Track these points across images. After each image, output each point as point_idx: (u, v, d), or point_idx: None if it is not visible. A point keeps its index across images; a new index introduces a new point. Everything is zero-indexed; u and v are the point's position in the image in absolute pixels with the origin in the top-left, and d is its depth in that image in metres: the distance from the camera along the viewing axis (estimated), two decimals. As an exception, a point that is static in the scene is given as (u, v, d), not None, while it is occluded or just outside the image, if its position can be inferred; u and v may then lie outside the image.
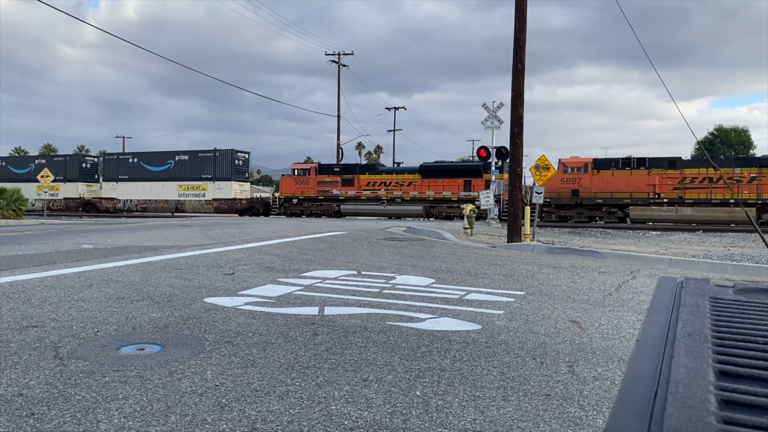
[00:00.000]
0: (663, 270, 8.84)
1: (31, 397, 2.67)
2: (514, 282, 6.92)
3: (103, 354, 3.39)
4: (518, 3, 13.41)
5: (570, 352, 3.69)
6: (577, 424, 2.52)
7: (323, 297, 5.45)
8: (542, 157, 15.05)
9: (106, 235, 13.24)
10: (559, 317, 4.82)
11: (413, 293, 5.81)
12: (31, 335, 3.78)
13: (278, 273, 7.06)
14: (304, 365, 3.25)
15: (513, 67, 13.34)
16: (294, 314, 4.63)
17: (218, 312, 4.65)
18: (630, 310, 5.25)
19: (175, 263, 7.80)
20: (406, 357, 3.47)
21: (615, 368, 3.37)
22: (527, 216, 13.89)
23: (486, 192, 21.56)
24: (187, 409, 2.56)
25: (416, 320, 4.52)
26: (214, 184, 39.71)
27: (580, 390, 2.96)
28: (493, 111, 23.37)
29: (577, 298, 5.85)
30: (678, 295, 1.25)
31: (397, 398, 2.77)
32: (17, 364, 3.17)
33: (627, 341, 4.04)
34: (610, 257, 10.14)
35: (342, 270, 7.52)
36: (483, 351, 3.66)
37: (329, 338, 3.88)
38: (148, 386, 2.83)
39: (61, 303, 4.87)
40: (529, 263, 9.16)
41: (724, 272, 8.77)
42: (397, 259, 9.15)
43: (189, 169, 40.69)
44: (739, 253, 11.62)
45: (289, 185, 37.60)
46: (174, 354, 3.41)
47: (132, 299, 5.12)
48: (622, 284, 6.92)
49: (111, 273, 6.73)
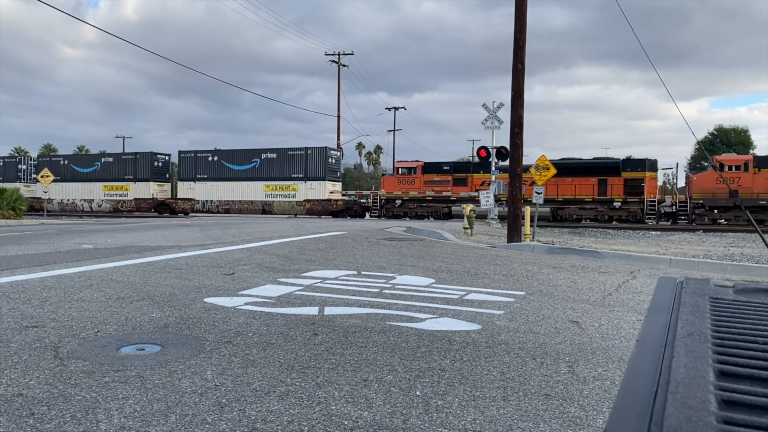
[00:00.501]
0: (663, 270, 8.84)
1: (31, 397, 2.68)
2: (514, 282, 6.92)
3: (103, 354, 3.39)
4: (518, 3, 13.41)
5: (570, 352, 3.69)
6: (577, 424, 2.52)
7: (323, 297, 5.45)
8: (542, 157, 15.05)
9: (106, 235, 13.24)
10: (559, 317, 4.82)
11: (413, 293, 5.81)
12: (31, 335, 3.78)
13: (278, 273, 7.06)
14: (304, 365, 3.25)
15: (513, 67, 13.35)
16: (294, 314, 4.63)
17: (218, 312, 4.65)
18: (630, 310, 5.25)
19: (175, 263, 7.80)
20: (406, 357, 3.47)
21: (615, 368, 3.37)
22: (527, 216, 13.90)
23: (486, 192, 21.57)
24: (187, 409, 2.56)
25: (416, 320, 4.52)
26: (305, 184, 37.36)
27: (580, 390, 2.96)
28: (493, 111, 23.39)
29: (577, 298, 5.85)
30: (678, 295, 1.25)
31: (397, 398, 2.77)
32: (17, 364, 3.17)
33: (627, 341, 4.04)
34: (610, 257, 10.14)
35: (342, 270, 7.52)
36: (483, 351, 3.66)
37: (329, 338, 3.88)
38: (148, 386, 2.83)
39: (61, 303, 4.87)
40: (529, 263, 9.16)
41: (724, 272, 8.77)
42: (397, 259, 9.15)
43: (277, 168, 38.08)
44: (739, 253, 11.62)
45: (391, 184, 34.80)
46: (174, 354, 3.41)
47: (132, 299, 5.12)
48: (622, 284, 6.92)
49: (111, 273, 6.73)
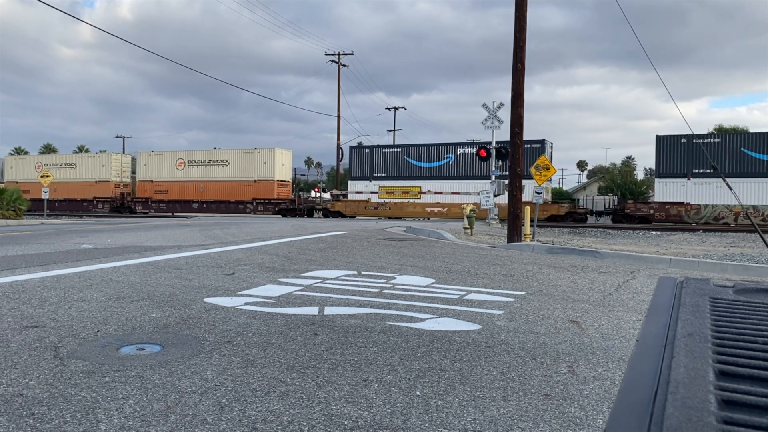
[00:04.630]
0: (663, 270, 8.83)
1: (31, 397, 2.67)
2: (514, 282, 6.92)
3: (103, 354, 3.39)
4: (518, 3, 13.40)
5: (570, 352, 3.68)
6: (577, 424, 2.52)
7: (323, 297, 5.45)
8: (542, 158, 15.05)
9: (106, 235, 13.24)
10: (559, 317, 4.82)
11: (413, 293, 5.80)
12: (31, 335, 3.78)
13: (278, 273, 7.06)
14: (304, 365, 3.25)
15: (513, 67, 13.34)
16: (294, 314, 4.63)
17: (218, 312, 4.65)
18: (630, 310, 5.25)
19: (175, 263, 7.80)
20: (406, 357, 3.47)
21: (615, 368, 3.37)
22: (527, 216, 13.90)
23: (486, 192, 21.57)
24: (187, 409, 2.56)
25: (416, 320, 4.52)
26: None
27: (580, 390, 2.96)
28: (493, 111, 23.39)
29: (577, 298, 5.85)
30: (678, 295, 1.25)
31: (397, 398, 2.76)
32: (17, 364, 3.17)
33: (627, 341, 4.04)
34: (610, 257, 10.14)
35: (342, 270, 7.52)
36: (483, 351, 3.66)
37: (329, 338, 3.88)
38: (148, 386, 2.83)
39: (61, 303, 4.87)
40: (529, 263, 9.16)
41: (724, 272, 8.77)
42: (397, 259, 9.15)
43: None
44: (739, 253, 11.61)
45: None
46: (174, 354, 3.41)
47: (132, 299, 5.12)
48: (622, 284, 6.92)
49: (111, 273, 6.73)
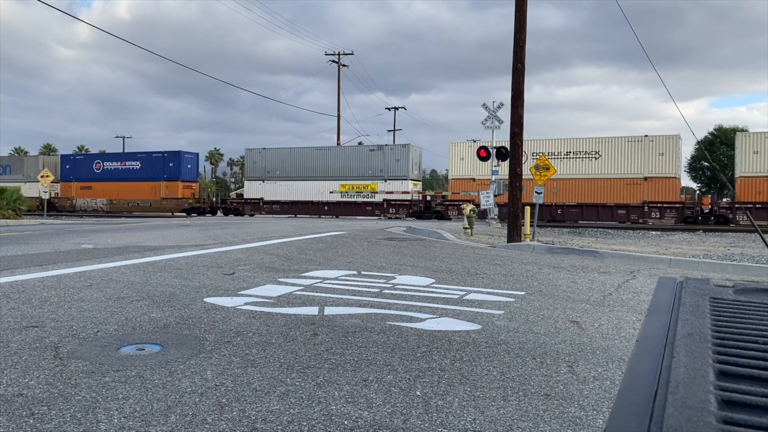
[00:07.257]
0: (663, 270, 8.83)
1: (31, 397, 2.67)
2: (514, 282, 6.92)
3: (103, 354, 3.39)
4: (518, 3, 13.40)
5: (570, 352, 3.68)
6: (577, 424, 2.52)
7: (323, 297, 5.45)
8: (542, 157, 15.06)
9: (106, 235, 13.24)
10: (559, 317, 4.82)
11: (413, 293, 5.80)
12: (31, 335, 3.78)
13: (278, 273, 7.06)
14: (304, 365, 3.25)
15: (513, 67, 13.34)
16: (294, 314, 4.63)
17: (218, 312, 4.65)
18: (630, 310, 5.25)
19: (175, 263, 7.80)
20: (406, 357, 3.47)
21: (615, 368, 3.37)
22: (527, 216, 13.90)
23: (486, 192, 21.57)
24: (187, 409, 2.56)
25: (416, 320, 4.52)
26: None
27: (580, 390, 2.96)
28: (493, 111, 23.38)
29: (577, 298, 5.85)
30: (678, 295, 1.25)
31: (397, 398, 2.76)
32: (17, 364, 3.17)
33: (627, 341, 4.04)
34: (610, 257, 10.14)
35: (342, 270, 7.52)
36: (483, 351, 3.66)
37: (329, 338, 3.88)
38: (148, 386, 2.83)
39: (61, 303, 4.87)
40: (529, 263, 9.16)
41: (724, 272, 8.77)
42: (397, 259, 9.15)
43: None
44: (739, 253, 11.61)
45: None
46: (174, 354, 3.41)
47: (132, 299, 5.12)
48: (622, 284, 6.92)
49: (111, 273, 6.73)
